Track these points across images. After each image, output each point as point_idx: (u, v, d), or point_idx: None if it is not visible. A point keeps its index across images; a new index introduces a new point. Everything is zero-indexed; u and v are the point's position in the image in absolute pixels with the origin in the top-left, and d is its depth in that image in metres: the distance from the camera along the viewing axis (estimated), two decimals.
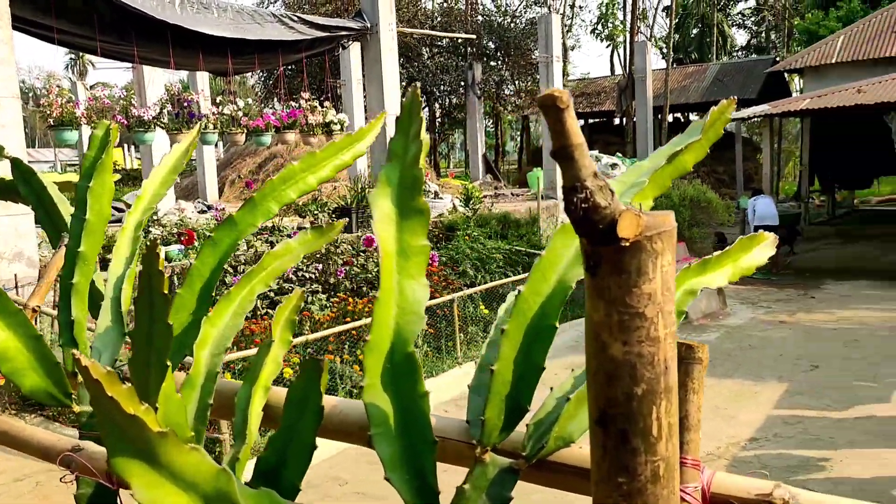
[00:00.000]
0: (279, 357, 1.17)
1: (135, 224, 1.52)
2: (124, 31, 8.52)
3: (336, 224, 1.35)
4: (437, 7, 26.70)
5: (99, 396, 0.69)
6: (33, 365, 1.19)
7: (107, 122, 1.41)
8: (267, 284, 1.27)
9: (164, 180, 1.59)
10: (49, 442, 1.10)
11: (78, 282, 1.28)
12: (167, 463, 0.72)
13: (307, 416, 0.92)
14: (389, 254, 0.88)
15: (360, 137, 1.43)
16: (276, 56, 10.61)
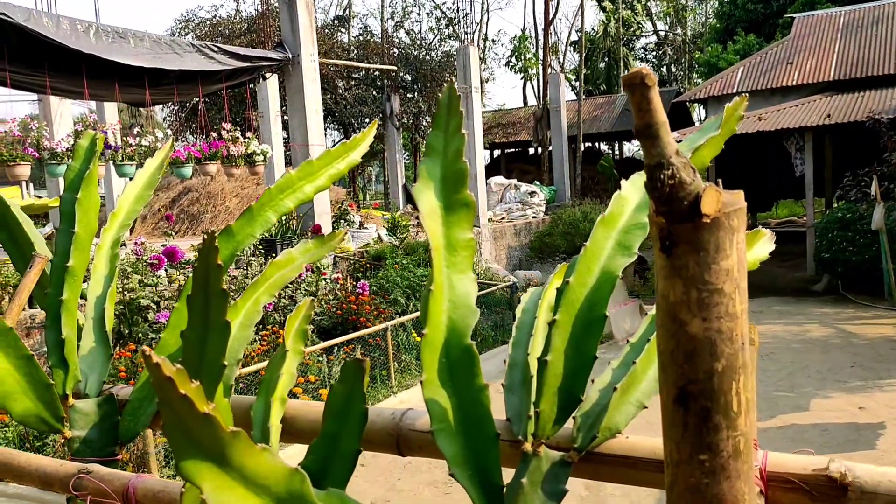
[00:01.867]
0: (293, 368, 1.13)
1: (111, 241, 1.45)
2: (36, 61, 8.17)
3: (337, 233, 1.33)
4: (354, 40, 26.80)
5: (169, 396, 0.65)
6: (24, 388, 1.12)
7: (92, 133, 1.35)
8: (272, 295, 1.23)
9: (139, 196, 1.53)
10: (51, 468, 1.02)
11: (68, 298, 1.20)
12: (239, 465, 0.68)
13: (350, 420, 0.89)
14: (439, 249, 0.86)
15: (353, 146, 1.42)
16: (195, 86, 10.38)
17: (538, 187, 19.28)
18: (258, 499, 0.69)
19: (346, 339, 7.45)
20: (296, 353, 1.15)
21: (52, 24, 7.94)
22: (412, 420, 1.03)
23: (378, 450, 1.05)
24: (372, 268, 10.76)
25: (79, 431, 1.17)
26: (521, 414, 0.93)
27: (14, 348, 1.10)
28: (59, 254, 1.23)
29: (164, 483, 0.95)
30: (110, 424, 1.19)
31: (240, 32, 22.67)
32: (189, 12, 32.09)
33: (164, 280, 8.04)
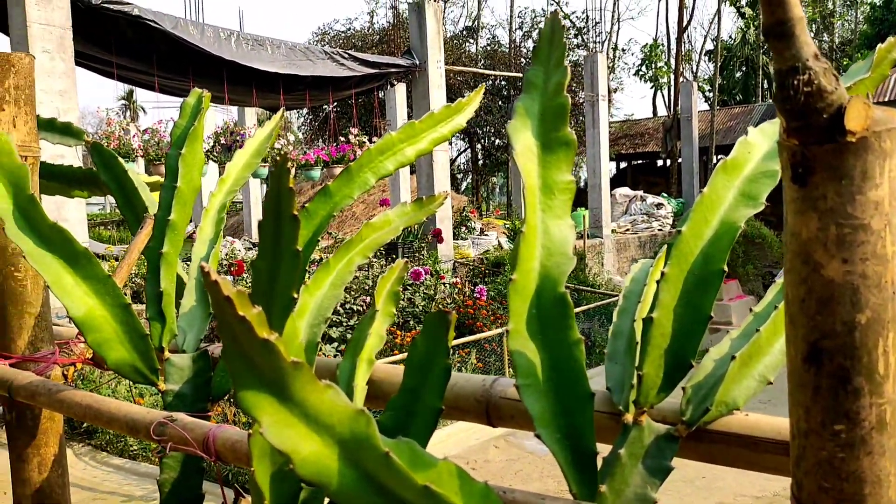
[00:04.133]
0: (382, 329, 1.07)
1: (218, 206, 1.45)
2: (182, 67, 8.70)
3: (438, 196, 1.26)
4: (481, 50, 27.00)
5: (228, 318, 0.60)
6: (120, 336, 1.12)
7: (199, 91, 1.36)
8: (365, 256, 1.18)
9: (247, 164, 1.53)
10: (138, 415, 1.02)
11: (167, 252, 1.20)
12: (300, 400, 0.63)
13: (432, 376, 0.82)
14: (533, 190, 0.78)
15: (459, 109, 1.35)
16: (326, 93, 10.75)
17: (665, 199, 18.63)
18: (319, 438, 0.63)
19: (462, 341, 7.43)
20: (386, 315, 1.09)
21: (198, 32, 8.43)
22: (503, 387, 0.95)
23: (466, 418, 0.98)
24: (490, 274, 10.71)
25: (173, 385, 1.17)
26: (623, 382, 0.83)
27: (112, 296, 1.10)
28: (161, 208, 1.24)
29: (243, 434, 0.92)
30: (203, 380, 1.18)
31: (372, 44, 23.37)
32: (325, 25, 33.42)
33: None
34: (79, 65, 7.73)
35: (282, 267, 0.76)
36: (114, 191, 1.58)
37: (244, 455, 0.90)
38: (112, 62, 8.21)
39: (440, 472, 0.65)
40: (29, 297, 1.27)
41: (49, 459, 1.29)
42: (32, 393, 1.14)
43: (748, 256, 11.84)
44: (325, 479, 0.63)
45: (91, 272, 1.09)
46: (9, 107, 1.22)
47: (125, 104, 45.33)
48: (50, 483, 1.29)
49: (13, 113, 1.23)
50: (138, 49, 8.31)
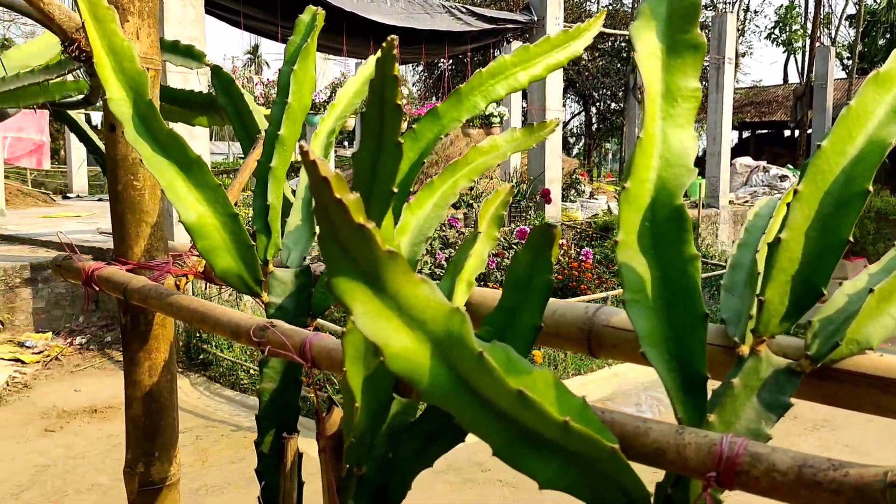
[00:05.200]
0: (484, 253, 1.04)
1: (328, 131, 1.45)
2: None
3: (549, 122, 1.21)
4: (603, 9, 26.14)
5: (324, 200, 0.58)
6: (228, 245, 1.14)
7: (314, 8, 1.35)
8: (470, 179, 1.15)
9: (358, 91, 1.52)
10: (241, 321, 1.03)
11: (276, 166, 1.21)
12: (394, 292, 0.60)
13: (533, 292, 0.78)
14: (654, 96, 0.72)
15: (577, 35, 1.28)
16: (442, 47, 10.71)
17: (791, 171, 17.61)
18: (412, 333, 0.61)
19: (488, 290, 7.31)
20: (488, 238, 1.06)
21: None
22: (607, 316, 0.90)
23: (566, 346, 0.94)
24: (598, 238, 10.50)
25: (275, 298, 1.18)
26: (741, 313, 0.76)
27: (222, 205, 1.12)
28: (272, 123, 1.24)
29: (338, 343, 0.92)
30: (305, 295, 1.19)
31: (490, 1, 23.06)
32: None
33: None
34: (208, 13, 8.01)
35: (382, 158, 0.74)
36: (230, 114, 1.62)
37: (338, 362, 0.90)
38: (239, 11, 8.46)
39: (535, 379, 0.62)
40: (146, 206, 1.32)
41: (159, 364, 1.35)
42: (145, 296, 1.18)
43: (880, 234, 11.02)
44: (415, 376, 0.61)
45: (203, 180, 1.11)
46: (133, 18, 1.25)
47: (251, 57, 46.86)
48: (159, 387, 1.35)
49: (137, 25, 1.26)
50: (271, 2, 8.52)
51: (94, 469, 4.73)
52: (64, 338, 7.34)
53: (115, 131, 1.30)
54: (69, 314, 7.64)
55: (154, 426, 1.34)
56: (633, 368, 7.33)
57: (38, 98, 1.85)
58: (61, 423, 5.51)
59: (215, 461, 4.94)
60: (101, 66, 1.07)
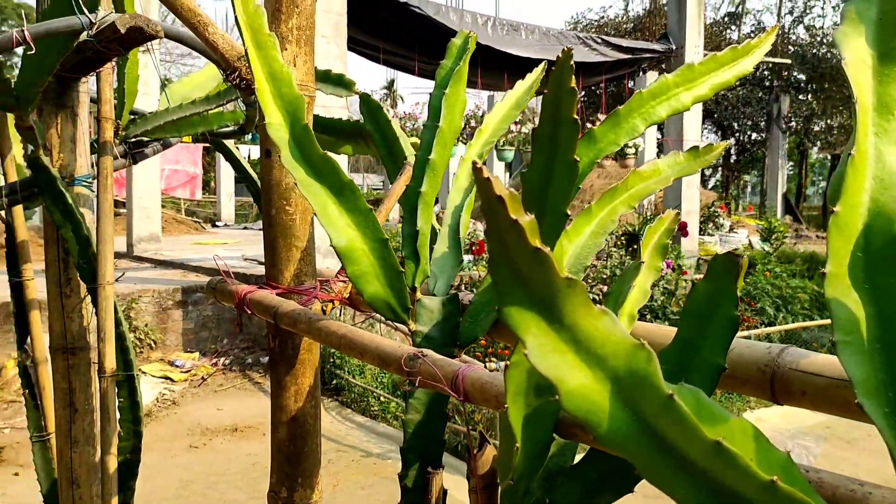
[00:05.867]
0: (647, 284, 0.96)
1: (475, 156, 1.42)
2: (440, 52, 9.05)
3: (716, 146, 1.12)
4: (744, 37, 25.18)
5: (498, 221, 0.53)
6: (377, 271, 1.12)
7: (466, 32, 1.34)
8: (630, 206, 1.07)
9: (506, 116, 1.49)
10: (390, 349, 1.01)
11: (426, 192, 1.19)
12: (572, 323, 0.54)
13: (715, 326, 0.70)
14: (866, 109, 0.63)
15: (746, 51, 1.19)
16: (577, 79, 10.62)
17: None
18: (590, 370, 0.55)
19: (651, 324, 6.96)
20: (652, 269, 0.98)
21: (457, 18, 8.72)
22: (795, 358, 0.80)
23: (743, 389, 0.84)
24: None
25: (422, 326, 1.15)
26: None
27: (372, 230, 1.11)
28: (422, 148, 1.23)
29: (493, 376, 0.87)
30: (452, 325, 1.16)
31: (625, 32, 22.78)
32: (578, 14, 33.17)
33: None
34: (350, 49, 8.35)
35: (555, 178, 0.69)
36: (377, 140, 1.62)
37: (492, 397, 0.85)
38: (378, 47, 8.76)
39: (733, 428, 0.54)
40: (297, 230, 1.33)
41: (305, 390, 1.35)
42: (294, 320, 1.18)
43: None
44: (593, 418, 0.55)
45: (354, 204, 1.10)
46: (290, 46, 1.28)
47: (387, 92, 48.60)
48: (304, 412, 1.35)
49: (294, 53, 1.29)
50: (401, 34, 8.79)
51: (232, 487, 4.91)
52: (209, 358, 7.74)
53: (271, 157, 1.32)
54: (214, 336, 8.06)
55: (298, 451, 1.34)
56: (774, 413, 6.84)
57: (198, 128, 1.94)
58: (204, 441, 5.78)
59: (346, 486, 5.01)
60: (261, 92, 1.09)
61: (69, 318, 1.75)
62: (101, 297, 1.62)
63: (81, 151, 1.73)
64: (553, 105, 0.66)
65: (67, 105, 1.70)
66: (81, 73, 1.64)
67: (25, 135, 1.58)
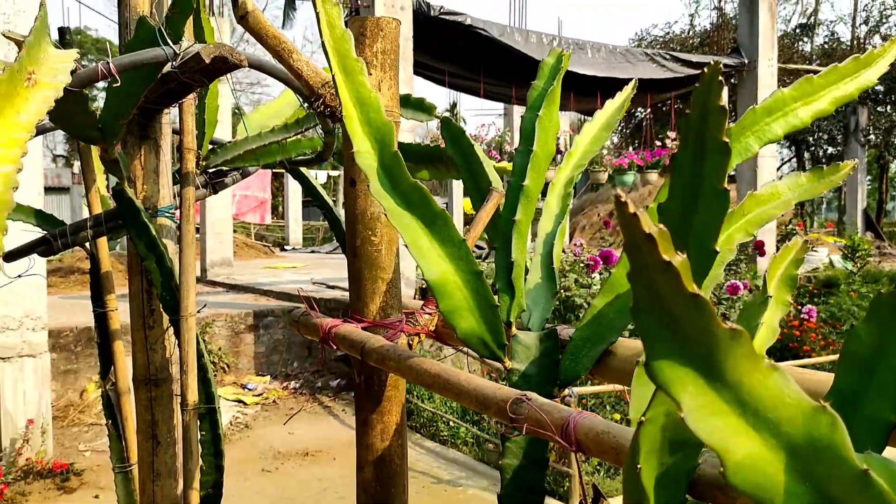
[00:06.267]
0: (775, 321, 0.87)
1: (565, 180, 1.35)
2: (505, 73, 9.04)
3: (844, 164, 1.02)
4: (817, 49, 24.44)
5: (646, 262, 0.46)
6: (470, 305, 1.05)
7: (559, 50, 1.27)
8: (748, 233, 0.98)
9: (596, 137, 1.41)
10: (489, 391, 0.93)
11: (520, 220, 1.12)
12: (735, 381, 0.46)
13: (882, 376, 0.61)
14: None
15: (869, 62, 1.09)
16: (644, 96, 10.45)
17: None
18: (759, 437, 0.47)
19: (787, 365, 6.66)
20: (780, 303, 0.89)
21: (522, 39, 8.68)
22: None
23: None
24: (821, 294, 9.55)
25: (518, 364, 1.08)
26: None
27: (465, 262, 1.05)
28: (515, 174, 1.16)
29: (608, 424, 0.79)
30: (550, 362, 1.08)
31: (691, 47, 22.36)
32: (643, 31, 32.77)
33: (598, 283, 8.20)
34: (415, 73, 8.39)
35: (700, 209, 0.61)
36: (459, 165, 1.57)
37: (610, 448, 0.76)
38: (443, 70, 8.78)
39: None
40: (383, 262, 1.28)
41: (391, 428, 1.29)
42: (383, 357, 1.12)
43: None
44: (764, 493, 0.47)
45: (446, 235, 1.04)
46: (375, 71, 1.23)
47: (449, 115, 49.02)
48: (391, 451, 1.29)
49: (379, 77, 1.24)
50: (466, 56, 8.80)
51: None
52: (280, 382, 7.81)
53: (356, 186, 1.28)
54: (285, 359, 8.14)
55: (384, 493, 1.28)
56: None
57: (276, 156, 1.93)
58: (276, 464, 5.80)
59: None
60: (348, 119, 1.04)
61: (152, 350, 1.74)
62: (184, 328, 1.60)
63: (164, 182, 1.72)
64: (698, 126, 0.59)
65: (150, 136, 1.70)
66: (164, 105, 1.64)
67: (110, 167, 1.58)
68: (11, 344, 5.64)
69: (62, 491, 5.37)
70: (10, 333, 5.62)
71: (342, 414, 7.04)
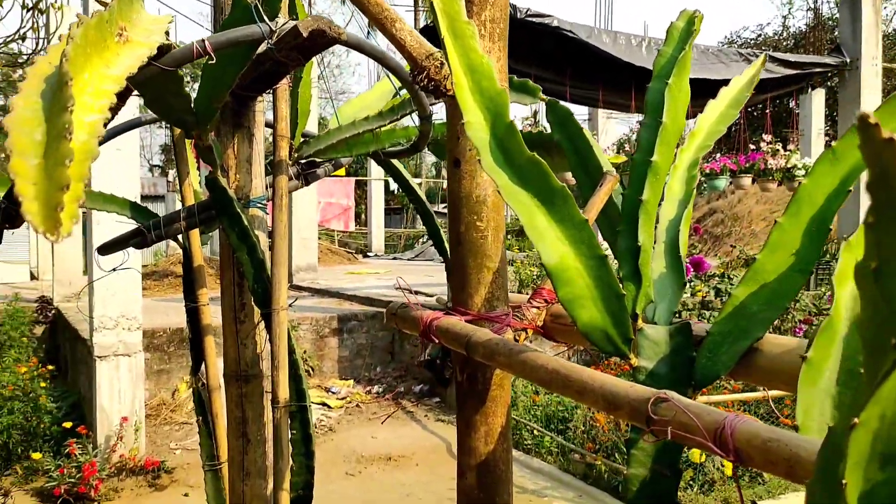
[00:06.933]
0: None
1: (688, 162, 1.22)
2: (591, 76, 8.84)
3: None
4: None
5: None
6: (593, 294, 0.93)
7: (690, 11, 1.14)
8: None
9: (723, 115, 1.28)
10: (619, 388, 0.82)
11: (647, 200, 1.00)
12: None
13: None
14: None
15: None
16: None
17: None
18: None
19: None
20: None
21: (610, 40, 8.47)
22: None
23: None
24: None
25: (646, 361, 0.95)
26: None
27: (587, 245, 0.93)
28: (641, 149, 1.04)
29: (776, 431, 0.66)
30: (683, 360, 0.95)
31: (785, 49, 21.49)
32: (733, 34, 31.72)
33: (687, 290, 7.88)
34: None
35: None
36: (567, 150, 1.45)
37: (781, 460, 0.64)
38: (530, 74, 8.65)
39: None
40: (489, 249, 1.18)
41: (496, 431, 1.18)
42: (491, 352, 1.02)
43: None
44: None
45: (566, 214, 0.93)
46: (483, 41, 1.14)
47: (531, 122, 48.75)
48: (495, 456, 1.18)
49: (487, 48, 1.15)
50: (553, 59, 8.64)
51: None
52: (363, 386, 7.82)
53: (460, 167, 1.18)
54: (368, 363, 8.15)
55: (488, 501, 1.17)
56: None
57: (370, 146, 1.86)
58: (360, 468, 5.78)
59: None
60: (458, 87, 0.95)
61: (243, 345, 1.69)
62: (275, 322, 1.54)
63: (257, 172, 1.67)
64: None
65: (244, 125, 1.65)
66: (258, 91, 1.59)
67: (204, 154, 1.54)
68: (108, 343, 5.83)
69: (153, 488, 5.49)
70: (106, 333, 5.81)
71: (424, 419, 6.98)
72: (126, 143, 5.68)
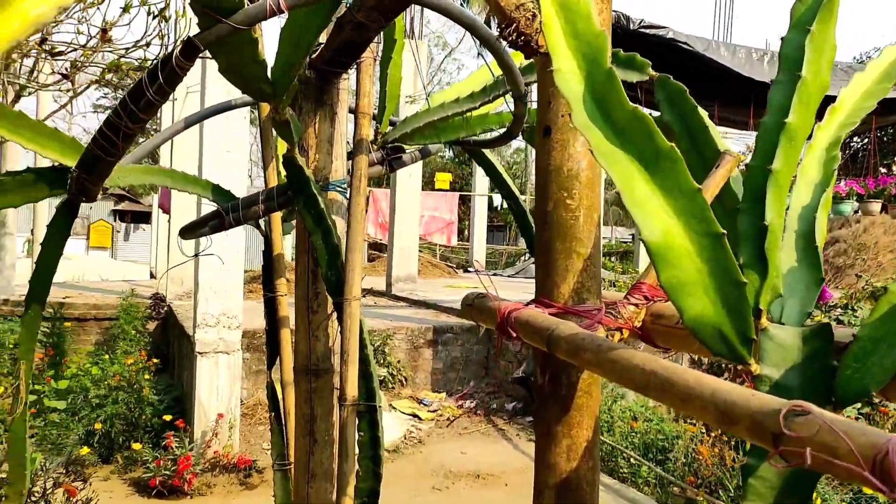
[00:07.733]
0: None
1: (827, 142, 1.01)
2: (707, 90, 8.44)
3: None
4: None
5: None
6: (705, 281, 0.75)
7: None
8: None
9: (870, 92, 1.07)
10: (737, 396, 0.64)
11: (779, 170, 0.81)
12: None
13: None
14: None
15: None
16: (868, 118, 9.35)
17: None
18: None
19: None
20: None
21: (729, 54, 8.06)
22: None
23: None
24: None
25: (771, 369, 0.76)
26: None
27: (699, 219, 0.75)
28: (771, 110, 0.86)
29: None
30: (820, 370, 0.75)
31: None
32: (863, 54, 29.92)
33: None
34: None
35: None
36: (677, 133, 1.27)
37: None
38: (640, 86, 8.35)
39: None
40: (580, 231, 1.01)
41: (581, 445, 1.01)
42: (577, 347, 0.85)
43: None
44: None
45: (674, 181, 0.76)
46: None
47: None
48: (578, 475, 1.01)
49: None
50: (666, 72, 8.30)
51: None
52: (455, 399, 7.68)
53: (551, 135, 1.02)
54: (461, 377, 8.01)
55: None
56: None
57: (460, 132, 1.72)
58: (447, 483, 5.63)
59: None
60: (548, 28, 0.79)
61: (314, 337, 1.59)
62: (347, 313, 1.42)
63: (338, 153, 1.57)
64: None
65: (327, 103, 1.56)
66: (342, 65, 1.49)
67: (280, 130, 1.45)
68: (209, 340, 5.95)
69: (244, 487, 5.53)
70: (208, 330, 5.93)
71: (516, 438, 6.76)
72: (235, 145, 5.81)
